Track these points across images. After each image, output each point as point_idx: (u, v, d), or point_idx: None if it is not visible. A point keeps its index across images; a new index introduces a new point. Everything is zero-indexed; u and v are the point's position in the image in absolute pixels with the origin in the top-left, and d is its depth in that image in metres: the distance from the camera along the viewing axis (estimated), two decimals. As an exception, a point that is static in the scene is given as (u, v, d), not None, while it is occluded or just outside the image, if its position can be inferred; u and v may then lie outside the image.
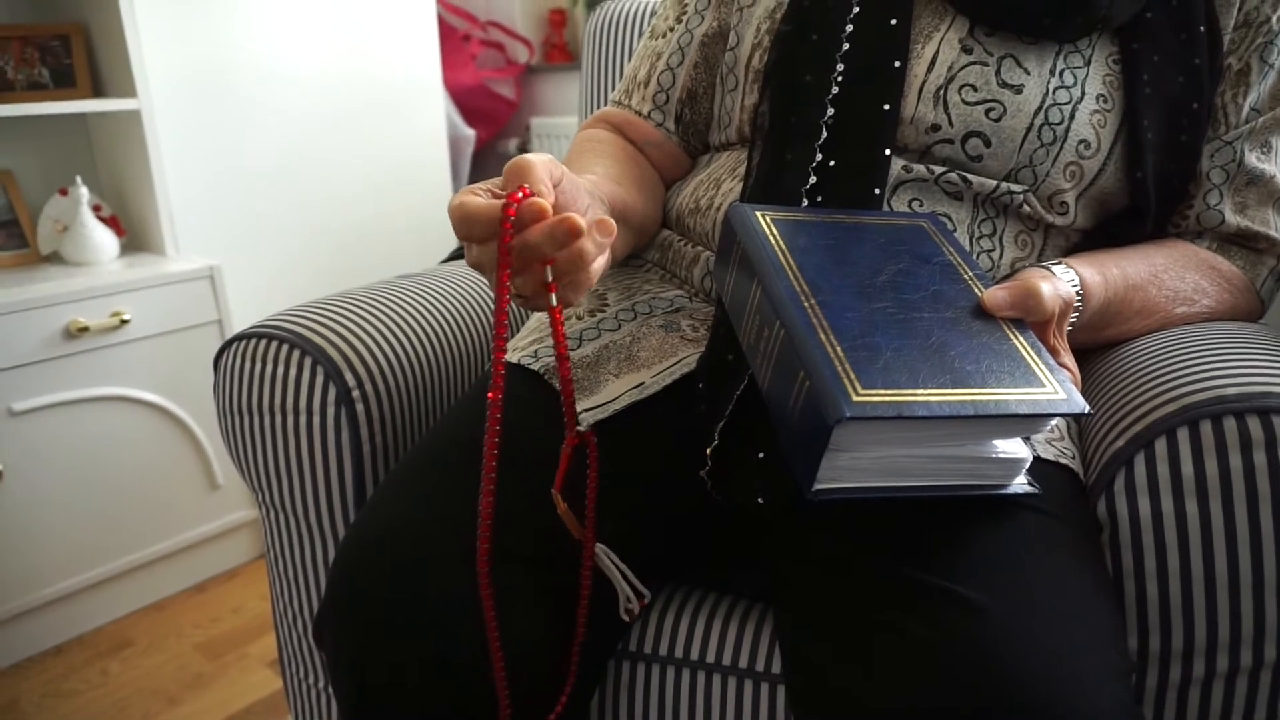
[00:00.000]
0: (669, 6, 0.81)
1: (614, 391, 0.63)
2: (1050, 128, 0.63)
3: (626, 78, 0.83)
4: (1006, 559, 0.48)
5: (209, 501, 1.58)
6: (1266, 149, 0.69)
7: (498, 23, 2.47)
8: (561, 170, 0.49)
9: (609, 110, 0.83)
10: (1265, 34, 0.67)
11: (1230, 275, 0.70)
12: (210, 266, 1.51)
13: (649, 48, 0.81)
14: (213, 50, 1.73)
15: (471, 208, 0.45)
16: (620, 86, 0.83)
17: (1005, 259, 0.66)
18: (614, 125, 0.82)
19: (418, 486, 0.59)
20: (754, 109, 0.70)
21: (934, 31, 0.66)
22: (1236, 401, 0.51)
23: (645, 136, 0.80)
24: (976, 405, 0.43)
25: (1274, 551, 0.50)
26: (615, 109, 0.82)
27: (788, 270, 0.49)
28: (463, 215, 0.45)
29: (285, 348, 0.74)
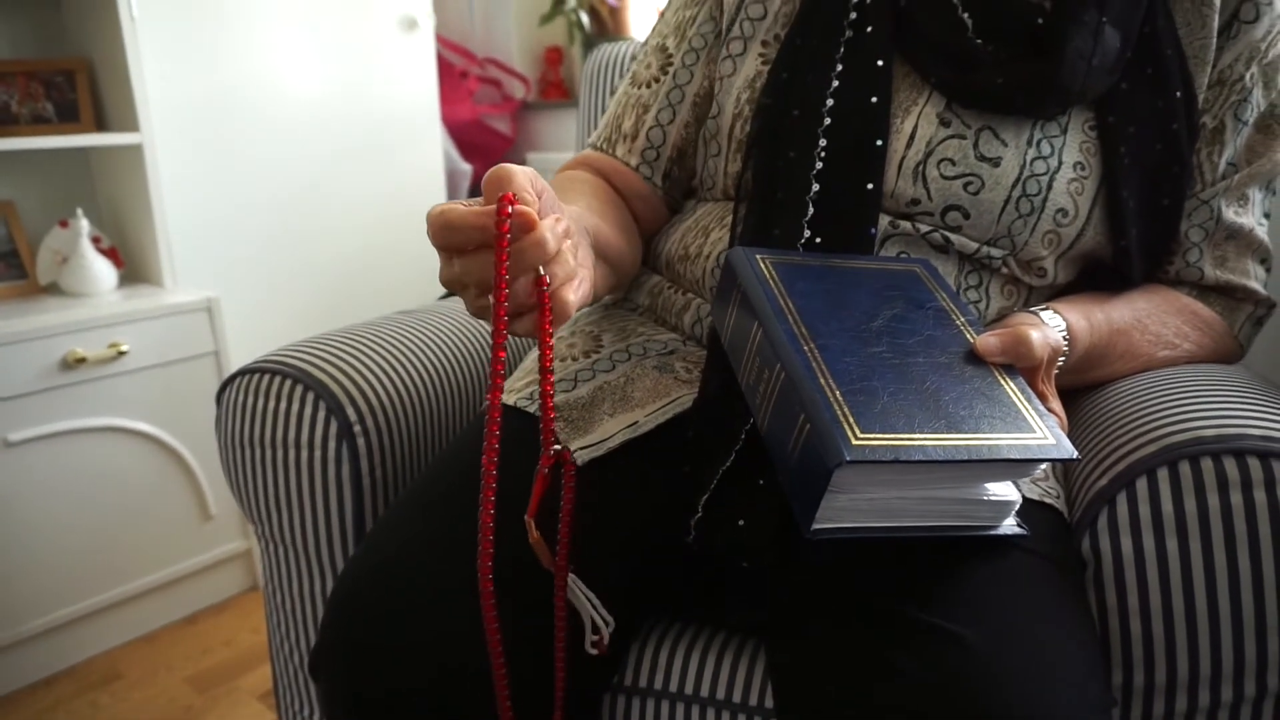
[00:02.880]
0: (651, 54, 0.80)
1: (608, 430, 0.65)
2: (1028, 199, 0.65)
3: (608, 124, 0.81)
4: (993, 596, 0.50)
5: (202, 532, 1.58)
6: (1244, 202, 0.71)
7: (495, 60, 2.51)
8: (543, 183, 0.48)
9: (593, 155, 0.81)
10: (1239, 91, 0.69)
11: (1210, 320, 0.72)
12: (208, 298, 1.53)
13: (633, 96, 0.80)
14: (213, 84, 1.76)
15: (455, 215, 0.43)
16: (600, 132, 0.82)
17: (992, 308, 0.68)
18: (598, 170, 0.81)
19: (415, 522, 0.60)
20: (738, 176, 0.71)
21: (912, 105, 0.67)
22: (1213, 443, 0.53)
23: (632, 189, 0.79)
24: (970, 450, 0.45)
25: (1251, 589, 0.52)
26: (600, 156, 0.81)
27: (787, 314, 0.51)
28: (445, 223, 0.43)
29: (289, 383, 0.76)
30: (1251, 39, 0.69)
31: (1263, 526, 0.51)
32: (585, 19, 2.30)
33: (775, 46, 0.72)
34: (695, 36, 0.78)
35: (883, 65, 0.66)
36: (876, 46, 0.66)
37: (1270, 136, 0.71)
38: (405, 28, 2.05)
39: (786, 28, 0.72)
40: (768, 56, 0.72)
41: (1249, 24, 0.69)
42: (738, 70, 0.73)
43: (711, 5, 0.77)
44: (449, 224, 0.43)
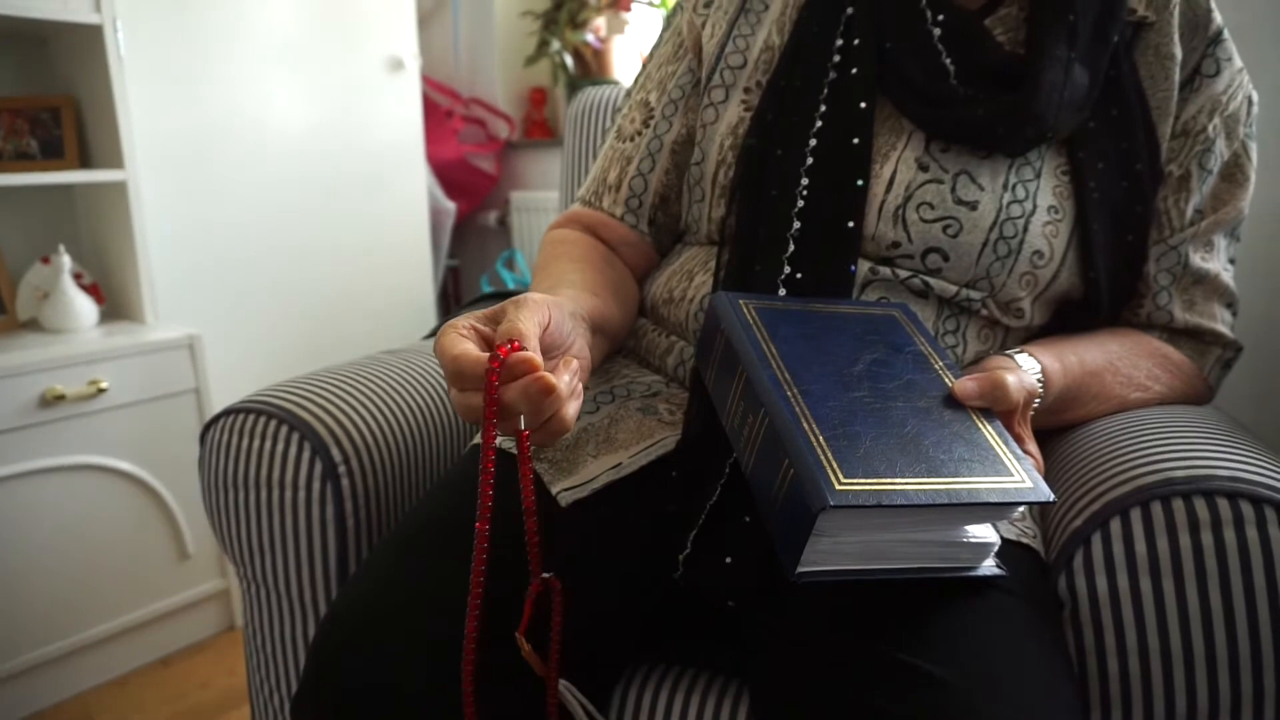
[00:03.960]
0: (634, 109, 0.83)
1: (592, 472, 0.65)
2: (1005, 241, 0.67)
3: (595, 178, 0.84)
4: (972, 637, 0.50)
5: (179, 572, 1.56)
6: (1210, 248, 0.74)
7: (480, 100, 2.54)
8: (548, 314, 0.54)
9: (580, 211, 0.84)
10: (1203, 142, 0.72)
11: (1180, 363, 0.74)
12: (190, 335, 1.52)
13: (617, 150, 0.82)
14: (198, 121, 1.78)
15: (466, 361, 0.49)
16: (588, 186, 0.84)
17: (969, 352, 0.69)
18: (586, 226, 0.83)
19: (399, 568, 0.60)
20: (721, 220, 0.73)
21: (891, 151, 0.69)
22: (1184, 484, 0.54)
23: (620, 237, 0.81)
24: (951, 494, 0.46)
25: (1224, 627, 0.53)
26: (587, 210, 0.83)
27: (771, 360, 0.52)
28: (457, 369, 0.49)
29: (273, 423, 0.76)
30: (1213, 92, 0.72)
31: (1232, 565, 0.53)
32: (569, 60, 2.34)
33: (757, 93, 0.74)
34: (675, 89, 0.80)
35: (865, 107, 0.68)
36: (860, 88, 0.68)
37: (1234, 185, 0.74)
38: (392, 68, 2.08)
39: (768, 74, 0.74)
40: (750, 103, 0.74)
41: (1210, 78, 0.72)
42: (720, 117, 0.75)
43: (690, 59, 0.80)
44: (459, 371, 0.49)
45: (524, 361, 0.47)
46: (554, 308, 0.56)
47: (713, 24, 0.78)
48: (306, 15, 1.92)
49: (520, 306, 0.54)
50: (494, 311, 0.55)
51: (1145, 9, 0.72)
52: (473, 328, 0.53)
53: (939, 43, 0.67)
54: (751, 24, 0.76)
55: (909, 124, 0.69)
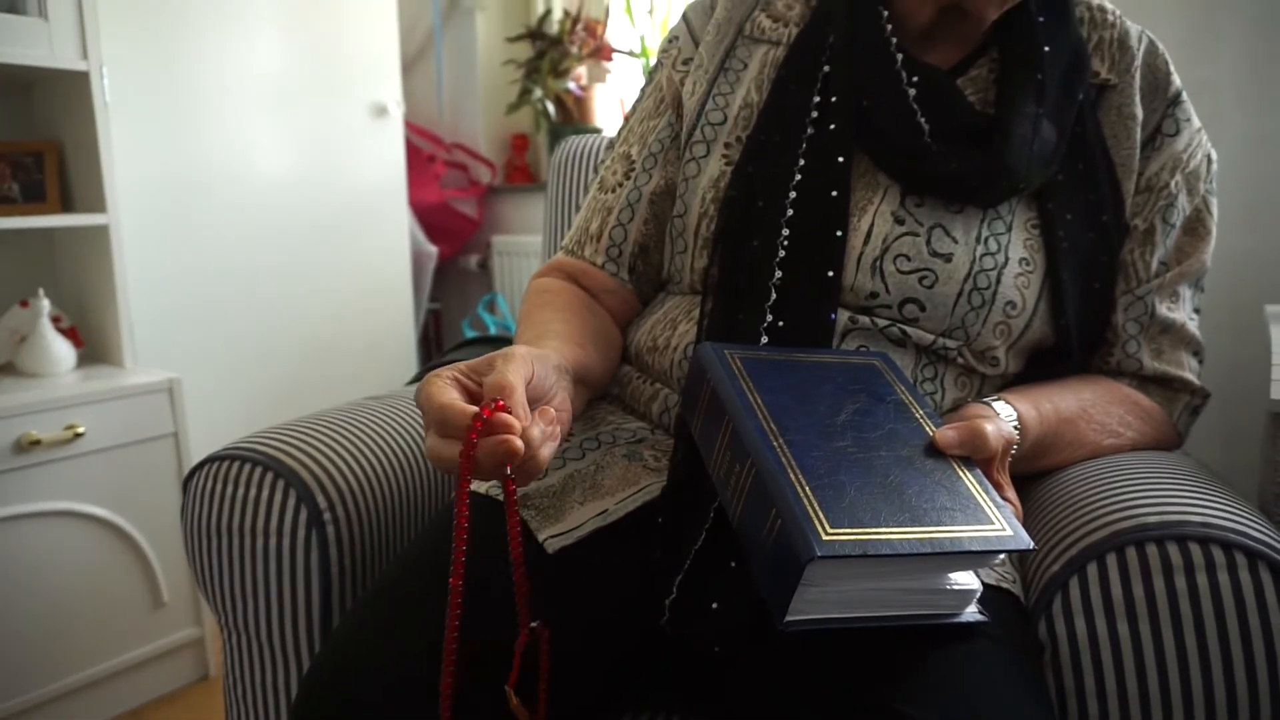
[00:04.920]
0: (616, 161, 0.85)
1: (579, 519, 0.66)
2: (979, 292, 0.69)
3: (578, 228, 0.86)
4: (956, 681, 0.51)
5: (152, 620, 1.53)
6: (1175, 298, 0.76)
7: (462, 145, 2.57)
8: (532, 368, 0.56)
9: (563, 260, 0.86)
10: (1165, 197, 0.75)
11: (1151, 410, 0.76)
12: (169, 379, 1.51)
13: (599, 201, 0.84)
14: (179, 165, 1.79)
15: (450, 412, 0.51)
16: (571, 236, 0.86)
17: (947, 399, 0.71)
18: (569, 274, 0.85)
19: (380, 620, 0.60)
20: (704, 270, 0.75)
21: (868, 204, 0.71)
22: (1157, 529, 0.56)
23: (601, 285, 0.83)
24: (934, 543, 0.47)
25: (1199, 671, 0.54)
26: (569, 259, 0.85)
27: (756, 409, 0.54)
28: (441, 418, 0.51)
29: (258, 470, 0.76)
30: (1174, 150, 0.75)
31: (1206, 608, 0.54)
32: (551, 108, 2.38)
33: (737, 148, 0.76)
34: (654, 142, 0.82)
35: (843, 161, 0.70)
36: (838, 144, 0.71)
37: (1197, 238, 0.77)
38: (376, 114, 2.10)
39: (747, 129, 0.76)
40: (731, 157, 0.76)
41: (1171, 137, 0.76)
42: (702, 171, 0.77)
43: (670, 114, 0.82)
44: (444, 419, 0.51)
45: (503, 424, 0.50)
46: (538, 361, 0.58)
47: (693, 81, 0.80)
48: (291, 61, 1.95)
49: (508, 360, 0.55)
50: (479, 364, 0.57)
51: (1108, 72, 0.75)
52: (456, 379, 0.55)
53: (914, 102, 0.70)
54: (731, 82, 0.79)
55: (885, 179, 0.71)
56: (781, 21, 0.79)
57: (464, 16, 2.55)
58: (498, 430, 0.49)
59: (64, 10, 1.45)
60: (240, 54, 1.86)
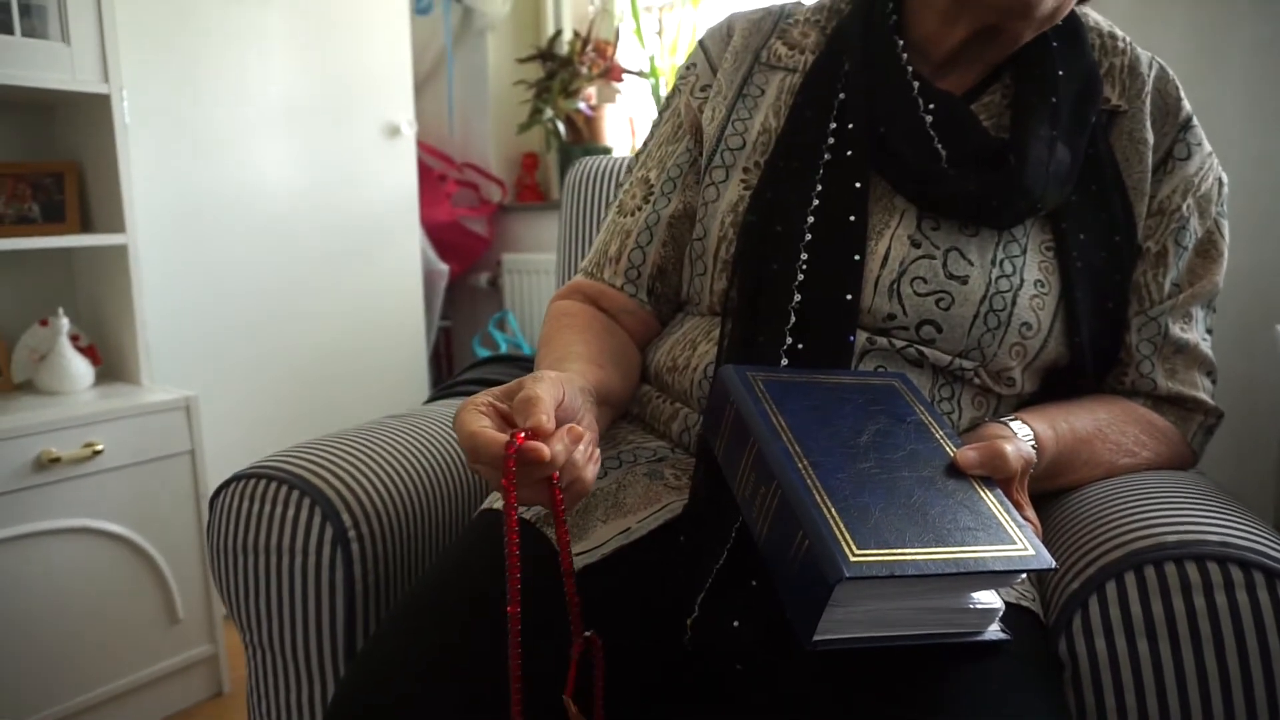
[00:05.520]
0: (635, 185, 0.86)
1: (602, 536, 0.67)
2: (995, 314, 0.70)
3: (597, 251, 0.87)
4: (978, 699, 0.52)
5: (168, 636, 1.54)
6: (1188, 319, 0.78)
7: (473, 164, 2.60)
8: (561, 390, 0.58)
9: (582, 282, 0.87)
10: (1178, 220, 0.76)
11: (1165, 430, 0.77)
12: (186, 397, 1.53)
13: (618, 224, 0.86)
14: (195, 185, 1.81)
15: (483, 440, 0.53)
16: (590, 259, 0.88)
17: (964, 419, 0.72)
18: (588, 296, 0.86)
19: (410, 637, 0.61)
20: (724, 293, 0.76)
21: (885, 228, 0.72)
22: (1175, 549, 0.57)
23: (620, 306, 0.84)
24: (959, 563, 0.48)
25: (1219, 689, 0.55)
26: (589, 281, 0.87)
27: (781, 432, 0.55)
28: (473, 446, 0.54)
29: (284, 488, 0.77)
30: (1185, 174, 0.77)
31: (1225, 627, 0.55)
32: (561, 127, 2.40)
33: (756, 172, 0.77)
34: (673, 167, 0.84)
35: (860, 187, 0.72)
36: (855, 169, 0.72)
37: (1208, 260, 0.78)
38: (389, 134, 2.13)
39: (765, 154, 0.78)
40: (749, 182, 0.77)
41: (1182, 161, 0.77)
42: (721, 196, 0.78)
43: (689, 140, 0.84)
44: (476, 447, 0.54)
45: (534, 451, 0.52)
46: (565, 384, 0.60)
47: (712, 108, 0.82)
48: (306, 82, 1.97)
49: (537, 381, 0.57)
50: (510, 387, 0.59)
51: (1119, 98, 0.77)
52: (490, 405, 0.57)
53: (931, 129, 0.71)
54: (749, 108, 0.80)
55: (902, 202, 0.73)
56: (798, 49, 0.81)
57: (475, 37, 2.58)
58: (528, 457, 0.51)
59: (86, 34, 1.48)
60: (255, 76, 1.89)
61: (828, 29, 0.82)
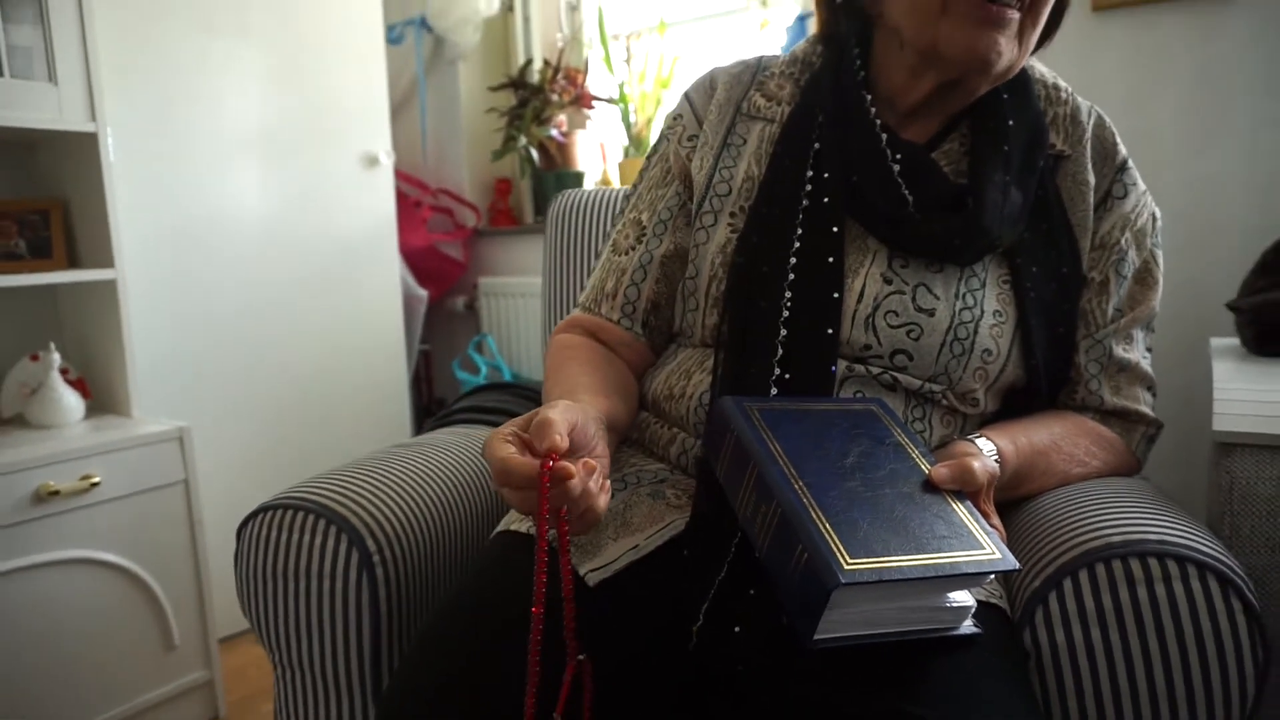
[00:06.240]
0: (628, 226, 0.93)
1: (613, 554, 0.74)
2: (959, 342, 0.78)
3: (594, 287, 0.94)
4: (956, 686, 0.59)
5: (164, 663, 1.57)
6: (1130, 340, 0.86)
7: (448, 190, 2.65)
8: (575, 417, 0.65)
9: (581, 316, 0.94)
10: (1118, 252, 0.85)
11: (1112, 441, 0.86)
12: (180, 428, 1.57)
13: (613, 263, 0.93)
14: (178, 218, 1.85)
15: (513, 464, 0.60)
16: (588, 294, 0.94)
17: (935, 436, 0.80)
18: (588, 330, 0.93)
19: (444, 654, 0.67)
20: (715, 327, 0.83)
21: (860, 267, 0.80)
22: (1121, 548, 0.65)
23: (618, 339, 0.91)
24: (937, 568, 0.56)
25: (1161, 668, 0.63)
26: (587, 315, 0.93)
27: (777, 456, 0.62)
28: (504, 469, 0.60)
29: (311, 517, 0.83)
30: (1123, 211, 0.86)
31: (1165, 615, 0.63)
32: (534, 153, 2.47)
33: (741, 216, 0.85)
34: (664, 210, 0.91)
35: (837, 231, 0.79)
36: (831, 214, 0.80)
37: (1146, 287, 0.87)
38: (367, 164, 2.18)
39: (749, 200, 0.85)
40: (736, 225, 0.85)
41: (1120, 199, 0.86)
42: (711, 238, 0.86)
43: (677, 185, 0.91)
44: (506, 470, 0.61)
45: (563, 469, 0.59)
46: (580, 414, 0.67)
47: (700, 157, 0.89)
48: (285, 114, 2.02)
49: (552, 408, 0.64)
50: (530, 416, 0.65)
51: (1063, 144, 0.86)
52: (516, 435, 0.64)
53: (899, 177, 0.79)
54: (733, 157, 0.88)
55: (874, 243, 0.81)
56: (775, 100, 0.89)
57: (446, 66, 2.64)
58: (559, 474, 0.59)
59: (72, 74, 1.52)
60: (234, 109, 1.93)
61: (801, 81, 0.90)
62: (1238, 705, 0.63)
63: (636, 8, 2.50)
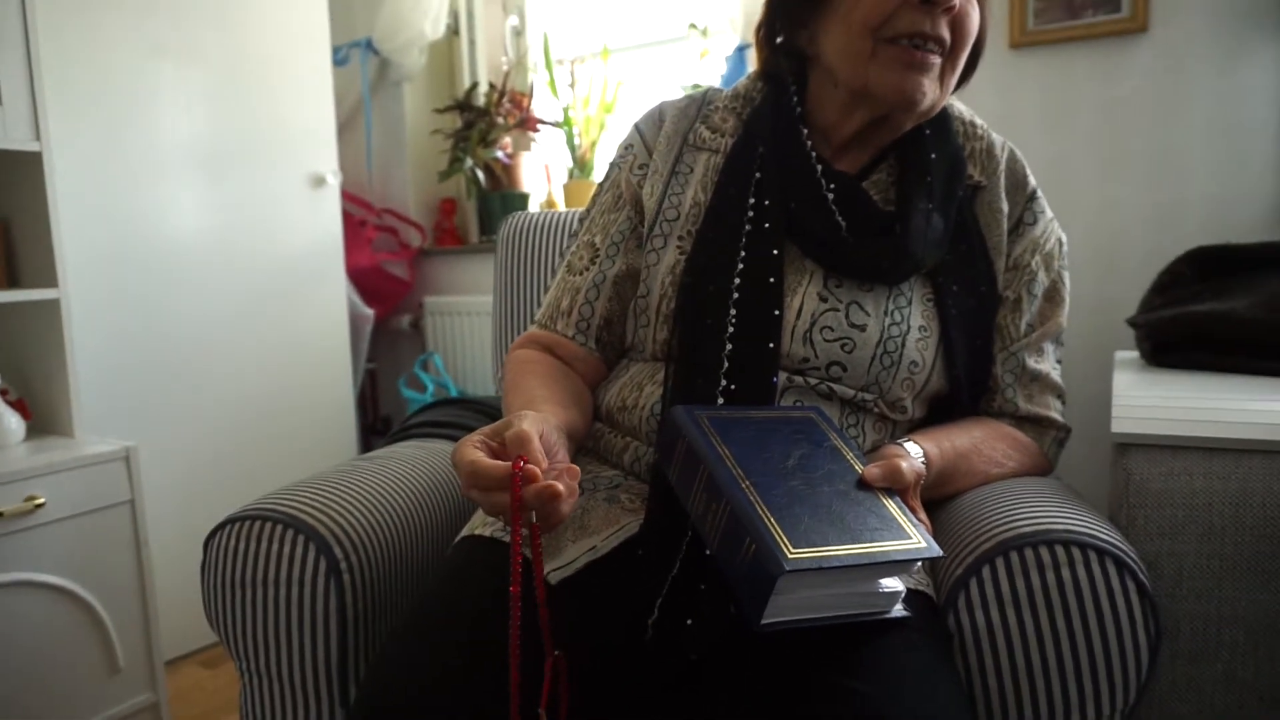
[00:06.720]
0: (582, 248, 0.99)
1: (572, 555, 0.79)
2: (888, 355, 0.86)
3: (550, 305, 0.99)
4: (888, 663, 0.66)
5: (109, 686, 1.55)
6: (1041, 353, 0.95)
7: (393, 210, 2.68)
8: (542, 427, 0.70)
9: (537, 333, 0.99)
10: (1028, 273, 0.94)
11: (1026, 444, 0.94)
12: (126, 448, 1.56)
13: (569, 282, 0.98)
14: (119, 238, 1.84)
15: (482, 466, 0.64)
16: (544, 312, 0.99)
17: (868, 441, 0.87)
18: (544, 345, 0.98)
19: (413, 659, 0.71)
20: (665, 342, 0.89)
21: (798, 287, 0.87)
22: (1032, 537, 0.73)
23: (573, 354, 0.96)
24: (870, 556, 0.62)
25: (1068, 644, 0.71)
26: (543, 332, 0.98)
27: (726, 459, 0.68)
28: (474, 472, 0.64)
29: (279, 527, 0.86)
30: (1033, 236, 0.95)
31: (1069, 597, 0.71)
32: (480, 175, 2.51)
33: (689, 240, 0.91)
34: (616, 233, 0.97)
35: (777, 254, 0.86)
36: (772, 238, 0.87)
37: (1054, 305, 0.96)
38: (314, 184, 2.19)
39: (696, 224, 0.92)
40: (684, 248, 0.91)
41: (1030, 225, 0.95)
42: (661, 260, 0.92)
43: (629, 210, 0.97)
44: (477, 472, 0.65)
45: (531, 475, 0.63)
46: (544, 424, 0.72)
47: (650, 184, 0.95)
48: (232, 134, 2.03)
49: (523, 419, 0.69)
50: (498, 426, 0.70)
51: (979, 175, 0.94)
52: (484, 442, 0.69)
53: (833, 204, 0.87)
54: (681, 184, 0.94)
55: (811, 265, 0.88)
56: (719, 133, 0.96)
57: (392, 88, 2.67)
58: (529, 475, 0.63)
59: (17, 93, 1.51)
60: (182, 129, 1.94)
61: (743, 115, 0.97)
62: (1134, 674, 0.71)
63: (580, 34, 2.58)
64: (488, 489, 0.65)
